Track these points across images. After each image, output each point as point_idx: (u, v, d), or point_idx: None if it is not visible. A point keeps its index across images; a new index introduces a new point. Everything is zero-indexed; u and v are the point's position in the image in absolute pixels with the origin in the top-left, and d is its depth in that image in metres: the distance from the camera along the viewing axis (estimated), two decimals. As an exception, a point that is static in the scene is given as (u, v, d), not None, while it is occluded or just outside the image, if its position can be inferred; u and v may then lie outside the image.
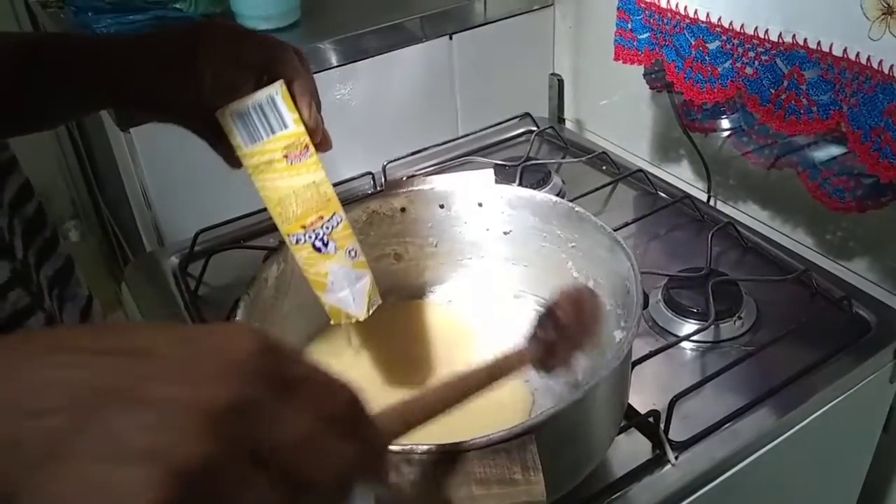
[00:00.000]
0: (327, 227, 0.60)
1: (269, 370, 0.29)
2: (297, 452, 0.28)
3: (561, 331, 0.53)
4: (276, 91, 0.56)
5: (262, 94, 0.56)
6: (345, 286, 0.61)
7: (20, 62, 0.56)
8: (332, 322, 0.63)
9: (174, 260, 0.95)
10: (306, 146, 0.58)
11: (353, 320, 0.63)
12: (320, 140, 0.59)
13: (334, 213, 0.60)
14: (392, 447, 0.49)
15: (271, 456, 0.27)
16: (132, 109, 0.61)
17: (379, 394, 0.69)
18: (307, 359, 0.32)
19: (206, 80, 0.54)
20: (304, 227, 0.59)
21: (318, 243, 0.60)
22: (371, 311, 0.64)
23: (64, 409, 0.25)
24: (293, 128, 0.57)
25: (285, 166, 0.57)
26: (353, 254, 0.61)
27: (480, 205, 0.75)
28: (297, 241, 0.60)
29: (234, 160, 0.59)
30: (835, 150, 0.88)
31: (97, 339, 0.27)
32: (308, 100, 0.58)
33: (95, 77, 0.57)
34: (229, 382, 0.27)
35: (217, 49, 0.54)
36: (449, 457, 0.48)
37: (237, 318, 0.61)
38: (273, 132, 0.57)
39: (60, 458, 0.24)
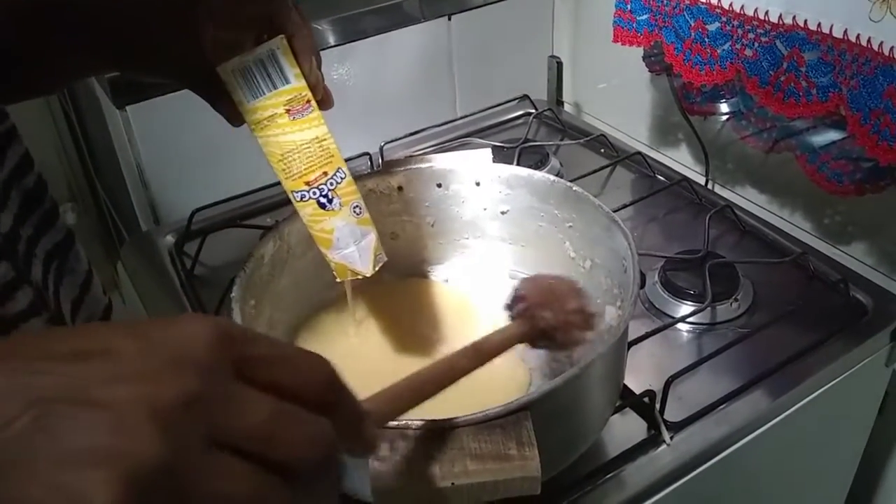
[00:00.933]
0: (331, 183, 0.60)
1: (224, 357, 0.28)
2: (264, 433, 0.28)
3: (535, 309, 0.54)
4: (278, 46, 0.56)
5: (263, 49, 0.56)
6: (350, 243, 0.62)
7: (18, 20, 0.55)
8: (337, 279, 0.63)
9: (170, 239, 0.94)
10: (308, 101, 0.58)
11: (360, 276, 0.63)
12: (322, 97, 0.59)
13: (338, 169, 0.60)
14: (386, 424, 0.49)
15: (240, 443, 0.27)
16: (132, 68, 0.60)
17: (378, 368, 0.69)
18: (271, 339, 0.31)
19: (208, 35, 0.53)
20: (307, 183, 0.59)
21: (323, 199, 0.60)
22: (377, 268, 0.63)
23: (19, 416, 0.24)
24: (295, 82, 0.57)
25: (287, 121, 0.58)
26: (357, 210, 0.61)
27: (478, 184, 0.75)
28: (302, 198, 0.60)
29: (235, 117, 0.58)
30: (834, 135, 0.88)
31: (51, 345, 0.27)
32: (309, 55, 0.57)
33: (95, 34, 0.56)
34: (179, 375, 0.26)
35: (218, 4, 0.54)
36: (444, 432, 0.48)
37: (232, 296, 0.60)
38: (275, 87, 0.57)
39: (19, 465, 0.24)
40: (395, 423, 0.48)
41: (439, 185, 0.75)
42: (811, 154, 0.90)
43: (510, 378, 0.67)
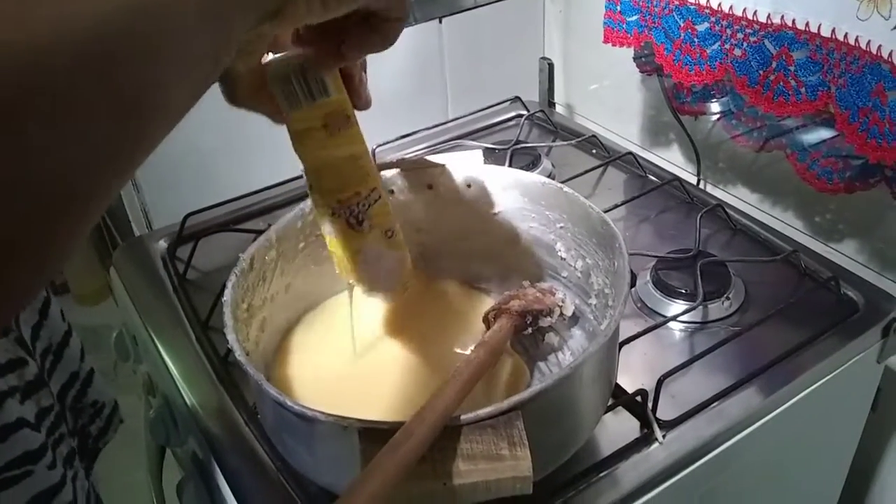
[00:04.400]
0: (363, 205, 0.57)
1: None
2: None
3: (505, 305, 0.67)
4: None
5: (301, 59, 0.52)
6: (379, 266, 0.59)
7: None
8: (365, 294, 0.62)
9: (162, 244, 0.94)
10: (347, 116, 0.54)
11: (383, 299, 0.62)
12: (362, 100, 0.56)
13: (373, 190, 0.57)
14: (380, 423, 0.49)
15: None
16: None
17: (373, 369, 0.69)
18: None
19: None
20: (339, 201, 0.56)
21: (352, 220, 0.57)
22: (403, 292, 0.62)
23: None
24: (335, 95, 0.53)
25: (324, 136, 0.54)
26: (389, 234, 0.59)
27: (469, 186, 0.75)
28: (332, 214, 0.57)
29: (277, 118, 0.55)
30: (823, 133, 0.88)
31: None
32: (358, 66, 0.54)
33: None
34: None
35: None
36: (436, 432, 0.49)
37: (224, 299, 0.60)
38: (313, 99, 0.53)
39: None
40: (388, 424, 0.49)
41: (430, 187, 0.75)
42: (801, 153, 0.90)
43: (511, 377, 0.67)
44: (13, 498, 0.53)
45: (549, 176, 0.99)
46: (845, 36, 0.75)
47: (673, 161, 1.10)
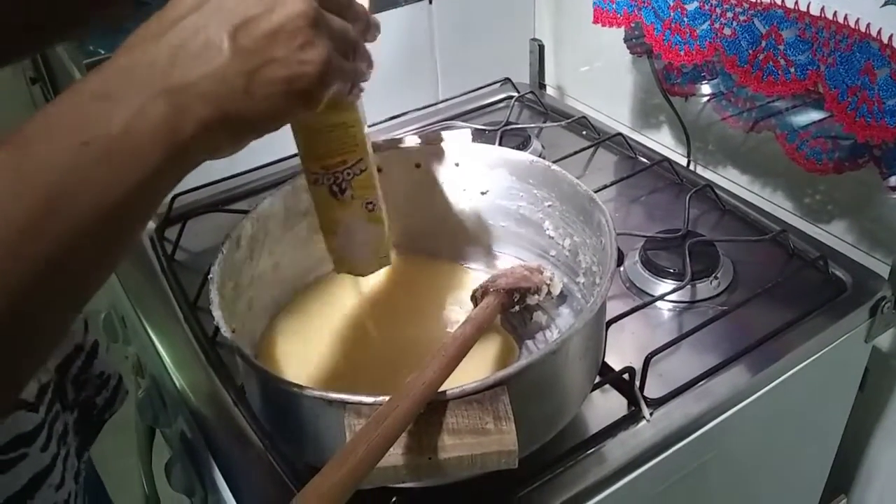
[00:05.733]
0: (348, 174, 0.56)
1: None
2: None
3: (491, 284, 0.67)
4: None
5: None
6: (354, 238, 0.59)
7: None
8: (335, 271, 0.62)
9: (150, 224, 0.94)
10: None
11: (356, 275, 0.62)
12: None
13: (360, 160, 0.56)
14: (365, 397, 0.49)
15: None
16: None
17: (361, 346, 0.69)
18: None
19: None
20: (324, 167, 0.56)
21: (335, 188, 0.57)
22: (376, 270, 0.62)
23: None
24: None
25: None
26: (370, 206, 0.59)
27: (457, 165, 0.75)
28: (315, 181, 0.57)
29: None
30: (813, 114, 0.88)
31: None
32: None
33: None
34: None
35: None
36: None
37: (210, 277, 0.60)
38: None
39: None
40: (373, 399, 0.49)
41: (418, 166, 0.75)
42: (790, 133, 0.90)
43: (500, 353, 0.68)
44: (8, 483, 0.53)
45: (539, 157, 0.98)
46: (834, 14, 0.75)
47: (663, 142, 1.10)
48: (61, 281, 0.37)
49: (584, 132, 1.07)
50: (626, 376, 0.67)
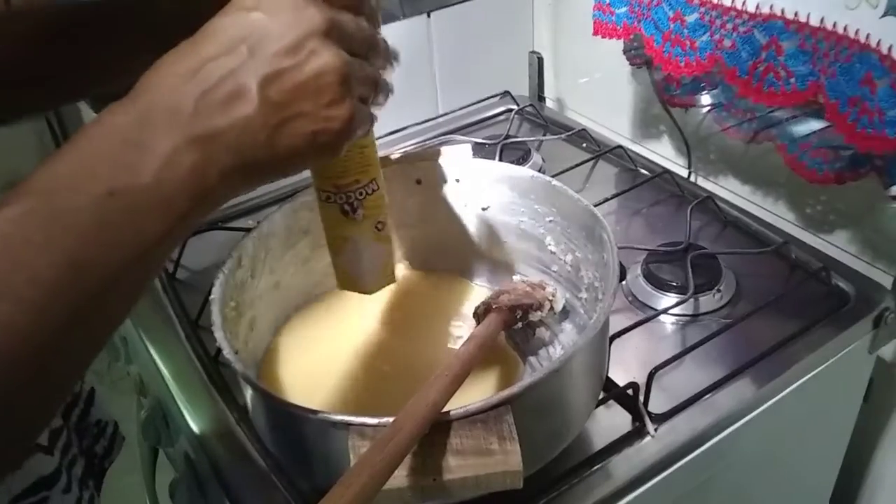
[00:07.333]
0: (360, 193, 0.56)
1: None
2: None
3: (494, 301, 0.67)
4: None
5: None
6: (361, 257, 0.59)
7: (46, 32, 0.54)
8: (338, 287, 0.62)
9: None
10: None
11: (361, 293, 0.62)
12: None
13: (372, 180, 0.57)
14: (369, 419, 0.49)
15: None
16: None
17: (361, 363, 0.69)
18: None
19: None
20: (336, 186, 0.56)
21: (347, 207, 0.57)
22: (381, 288, 0.62)
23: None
24: None
25: None
26: (380, 226, 0.59)
27: (458, 180, 0.75)
28: (327, 199, 0.57)
29: None
30: (813, 124, 0.88)
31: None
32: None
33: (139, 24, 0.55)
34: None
35: None
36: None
37: (212, 297, 0.60)
38: None
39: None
40: (377, 420, 0.48)
41: (419, 182, 0.75)
42: (791, 144, 0.90)
43: (504, 371, 0.67)
44: None
45: (539, 170, 0.98)
46: (834, 25, 0.75)
47: (663, 154, 1.10)
48: (83, 332, 0.36)
49: (584, 144, 1.07)
50: (630, 391, 0.66)
